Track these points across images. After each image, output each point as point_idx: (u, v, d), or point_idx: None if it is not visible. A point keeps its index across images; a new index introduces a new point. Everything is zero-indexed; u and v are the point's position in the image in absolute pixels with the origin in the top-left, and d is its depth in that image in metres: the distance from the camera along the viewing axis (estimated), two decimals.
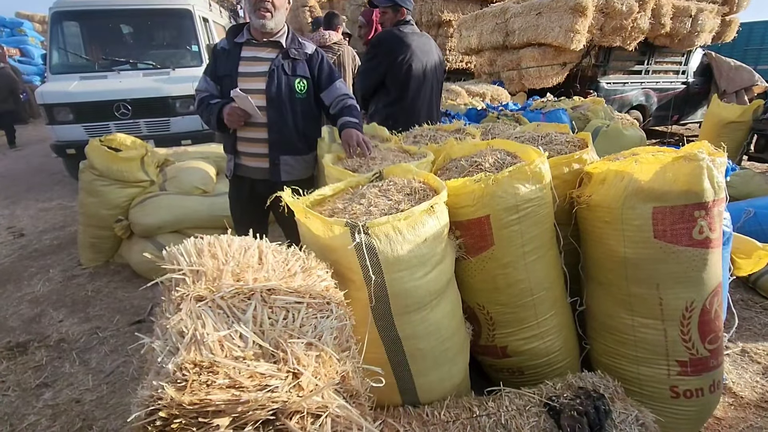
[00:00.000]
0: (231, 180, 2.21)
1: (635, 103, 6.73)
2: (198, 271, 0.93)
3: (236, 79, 1.98)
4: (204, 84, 2.08)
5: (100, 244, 3.30)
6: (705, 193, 1.31)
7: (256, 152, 2.08)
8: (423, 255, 1.22)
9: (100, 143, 3.21)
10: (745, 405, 1.75)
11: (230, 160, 2.15)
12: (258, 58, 2.00)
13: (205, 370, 0.67)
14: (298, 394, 0.69)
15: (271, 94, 1.97)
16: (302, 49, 2.04)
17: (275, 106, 1.99)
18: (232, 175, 2.17)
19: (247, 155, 2.11)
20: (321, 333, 0.82)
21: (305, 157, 2.16)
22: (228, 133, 2.07)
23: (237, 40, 2.02)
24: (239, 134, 2.08)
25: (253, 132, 2.05)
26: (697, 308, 1.42)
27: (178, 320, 0.77)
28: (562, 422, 1.22)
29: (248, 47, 2.02)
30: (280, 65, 1.98)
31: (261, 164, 2.09)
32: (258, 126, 2.02)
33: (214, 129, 2.06)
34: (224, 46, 2.06)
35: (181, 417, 0.62)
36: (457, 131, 2.23)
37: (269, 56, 2.00)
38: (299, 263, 1.06)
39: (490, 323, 1.60)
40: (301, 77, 2.02)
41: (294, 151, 2.09)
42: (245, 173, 2.14)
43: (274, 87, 1.96)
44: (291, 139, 2.06)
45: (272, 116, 2.00)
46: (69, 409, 1.89)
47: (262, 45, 2.01)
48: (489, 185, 1.38)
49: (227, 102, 1.95)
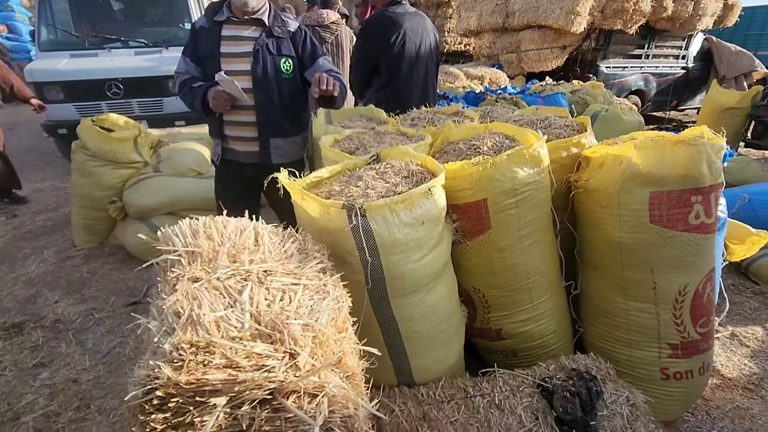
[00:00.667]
0: (219, 165, 2.15)
1: (634, 88, 6.68)
2: (193, 252, 0.92)
3: (219, 60, 1.90)
4: (184, 66, 1.99)
5: (94, 226, 3.27)
6: (703, 178, 1.31)
7: (244, 136, 2.02)
8: (420, 238, 1.21)
9: (92, 123, 3.16)
10: (732, 387, 1.79)
11: (217, 145, 2.08)
12: (240, 37, 1.93)
13: (201, 350, 0.67)
14: (295, 374, 0.69)
15: (257, 76, 1.90)
16: (285, 27, 1.96)
17: (262, 87, 1.92)
18: (220, 160, 2.11)
19: (235, 139, 2.05)
20: (318, 314, 0.82)
21: (295, 139, 2.10)
22: (213, 117, 2.01)
23: (217, 18, 1.93)
24: (226, 118, 2.01)
25: (240, 115, 1.98)
26: (690, 292, 1.43)
27: (174, 301, 0.77)
28: (555, 402, 1.24)
29: (229, 26, 1.93)
30: (265, 45, 1.90)
31: (250, 148, 2.03)
32: (245, 109, 1.96)
33: (198, 113, 1.99)
34: (203, 25, 1.96)
35: (178, 396, 0.62)
36: (456, 114, 2.20)
37: (252, 35, 1.92)
38: (296, 245, 1.05)
39: (486, 306, 1.61)
40: (286, 57, 1.95)
41: (283, 133, 2.04)
42: (234, 157, 2.08)
43: (259, 68, 1.89)
44: (279, 121, 2.01)
45: (259, 98, 1.93)
46: (66, 388, 1.91)
47: (244, 23, 1.93)
48: (487, 168, 1.37)
49: (211, 85, 1.87)
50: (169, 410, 0.62)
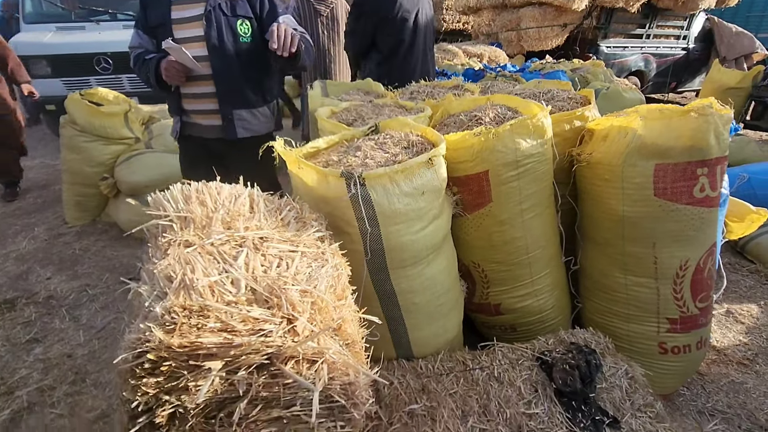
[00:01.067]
0: (179, 142, 2.00)
1: (634, 69, 6.58)
2: (186, 218, 0.88)
3: (170, 28, 1.75)
4: (137, 39, 1.84)
5: (86, 203, 3.21)
6: (710, 150, 1.28)
7: (205, 109, 1.86)
8: (420, 209, 1.18)
9: (80, 97, 3.07)
10: (727, 362, 1.80)
11: (176, 122, 1.93)
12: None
13: (195, 314, 0.64)
14: (293, 339, 0.67)
15: (211, 41, 1.73)
16: None
17: (218, 53, 1.75)
18: (179, 136, 1.96)
19: (196, 113, 1.89)
20: (316, 281, 0.79)
21: (261, 110, 1.94)
22: (170, 91, 1.86)
23: None
24: (183, 90, 1.85)
25: (197, 86, 1.82)
26: (691, 267, 1.42)
27: (166, 265, 0.73)
28: (554, 375, 1.24)
29: None
30: (217, 5, 1.73)
31: (213, 122, 1.88)
32: (203, 79, 1.79)
33: (155, 89, 1.83)
34: None
35: (171, 360, 0.59)
36: (455, 88, 2.15)
37: None
38: (293, 213, 1.02)
39: (485, 281, 1.60)
40: (243, 18, 1.77)
41: (247, 103, 1.87)
42: (197, 132, 1.93)
43: (213, 32, 1.73)
44: (242, 91, 1.84)
45: (216, 66, 1.77)
46: (61, 363, 1.89)
47: None
48: (489, 139, 1.33)
49: (163, 56, 1.71)
50: (161, 374, 0.60)
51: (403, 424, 1.13)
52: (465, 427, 1.13)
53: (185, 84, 1.81)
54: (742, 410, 1.58)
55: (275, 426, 0.67)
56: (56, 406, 1.67)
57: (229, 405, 0.63)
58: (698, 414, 1.59)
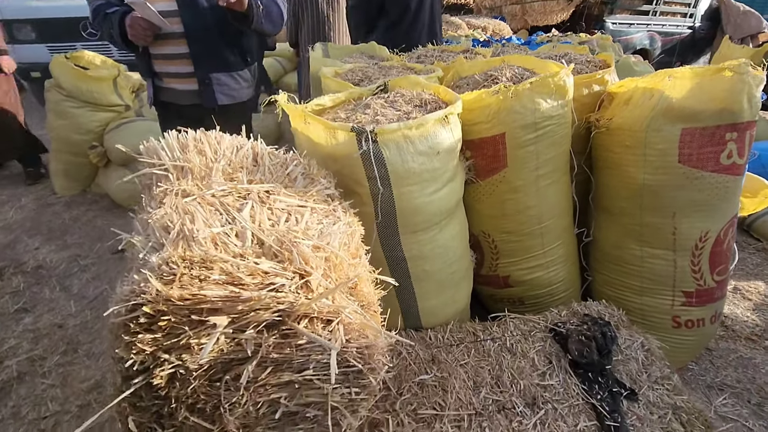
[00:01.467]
0: (157, 109, 1.83)
1: (639, 47, 6.44)
2: (183, 167, 0.80)
3: None
4: None
5: (75, 172, 3.09)
6: (742, 113, 1.20)
7: (178, 71, 1.67)
8: (435, 169, 1.10)
9: (66, 60, 2.91)
10: (735, 338, 1.77)
11: (149, 85, 1.75)
12: None
13: (197, 265, 0.56)
14: (307, 296, 0.59)
15: None
16: None
17: (189, 9, 1.56)
18: (154, 102, 1.78)
19: (169, 76, 1.69)
20: (329, 237, 0.72)
21: (242, 74, 1.76)
22: (137, 51, 1.66)
23: None
24: (153, 51, 1.65)
25: (168, 46, 1.62)
26: (711, 239, 1.36)
27: (162, 215, 0.65)
28: (570, 346, 1.19)
29: None
30: None
31: (188, 86, 1.69)
32: (174, 38, 1.59)
33: (119, 47, 1.63)
34: None
35: (170, 314, 0.52)
36: (466, 51, 2.04)
37: None
38: (299, 169, 0.93)
39: (494, 252, 1.53)
40: None
41: (226, 66, 1.69)
42: (172, 98, 1.73)
43: None
44: (219, 51, 1.65)
45: (188, 22, 1.58)
46: (51, 333, 1.82)
47: None
48: (507, 98, 1.24)
49: (128, 10, 1.53)
50: (159, 330, 0.52)
51: (413, 395, 1.08)
52: (478, 398, 1.08)
53: (154, 44, 1.61)
54: (752, 385, 1.56)
55: (286, 391, 0.61)
56: (47, 376, 1.61)
57: (235, 367, 0.57)
58: (707, 389, 1.56)
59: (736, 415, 1.45)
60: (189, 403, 0.56)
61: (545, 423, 1.03)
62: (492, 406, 1.06)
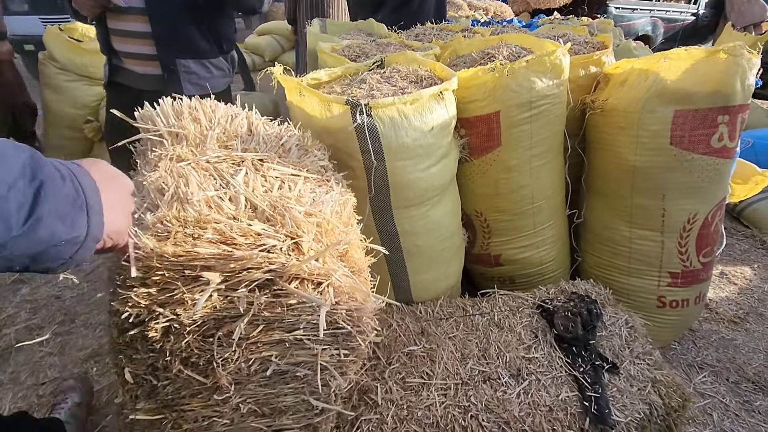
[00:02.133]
0: (107, 90, 1.63)
1: (641, 33, 6.38)
2: (178, 134, 0.80)
3: None
4: None
5: (70, 147, 3.06)
6: (734, 96, 1.21)
7: (138, 52, 1.48)
8: (429, 145, 1.11)
9: (59, 31, 2.86)
10: (719, 320, 1.82)
11: (105, 64, 1.57)
12: None
13: (190, 224, 0.58)
14: (298, 257, 0.61)
15: None
16: None
17: None
18: (108, 82, 1.58)
19: (128, 57, 1.50)
20: (321, 205, 0.74)
21: (215, 62, 1.56)
22: (86, 21, 1.49)
23: None
24: (111, 25, 1.46)
25: (127, 22, 1.43)
26: (699, 221, 1.39)
27: (157, 177, 0.66)
28: (556, 321, 1.22)
29: None
30: None
31: (150, 70, 1.50)
32: (134, 13, 1.40)
33: (72, 16, 1.48)
34: None
35: (164, 270, 0.54)
36: (464, 30, 2.02)
37: None
38: (294, 140, 0.94)
39: (486, 231, 1.56)
40: None
41: (197, 52, 1.49)
42: (130, 81, 1.53)
43: None
44: (188, 35, 1.46)
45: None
46: (49, 303, 1.84)
47: None
48: (503, 76, 1.25)
49: None
50: (154, 284, 0.54)
51: (401, 364, 1.12)
52: (464, 368, 1.12)
53: (112, 17, 1.43)
54: (731, 364, 1.61)
55: (277, 350, 0.63)
56: (45, 344, 1.64)
57: (228, 324, 0.59)
58: (688, 367, 1.61)
59: (714, 392, 1.50)
60: (183, 356, 0.58)
61: (528, 392, 1.07)
62: (478, 377, 1.10)
